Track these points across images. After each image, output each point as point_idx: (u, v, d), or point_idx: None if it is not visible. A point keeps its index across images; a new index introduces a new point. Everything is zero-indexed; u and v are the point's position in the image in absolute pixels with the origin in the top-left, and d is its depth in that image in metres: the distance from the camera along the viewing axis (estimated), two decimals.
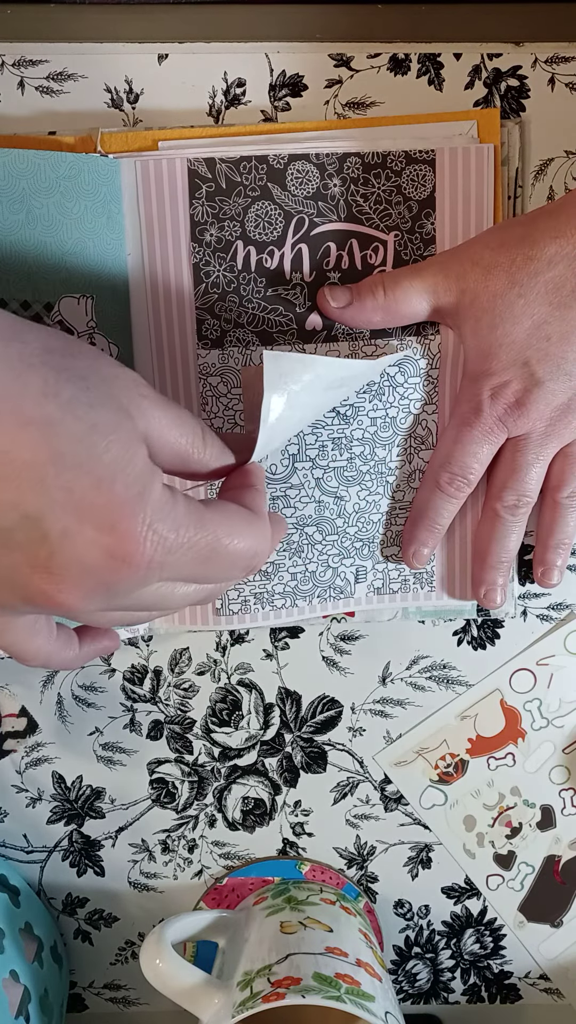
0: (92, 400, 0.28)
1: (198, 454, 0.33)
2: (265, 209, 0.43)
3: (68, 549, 0.27)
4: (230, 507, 0.32)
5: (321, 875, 0.52)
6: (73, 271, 0.41)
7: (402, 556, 0.47)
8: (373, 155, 0.43)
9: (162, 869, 0.52)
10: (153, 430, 0.30)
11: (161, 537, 0.28)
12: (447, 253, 0.42)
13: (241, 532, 0.31)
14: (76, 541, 0.27)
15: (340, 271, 0.44)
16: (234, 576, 0.33)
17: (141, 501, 0.28)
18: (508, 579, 0.47)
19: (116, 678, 0.49)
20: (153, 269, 0.43)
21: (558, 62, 0.44)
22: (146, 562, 0.28)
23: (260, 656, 0.49)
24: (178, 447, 0.32)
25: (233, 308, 0.43)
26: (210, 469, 0.34)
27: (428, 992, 0.55)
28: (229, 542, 0.31)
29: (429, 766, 0.51)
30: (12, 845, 0.52)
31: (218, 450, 0.34)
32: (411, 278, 0.42)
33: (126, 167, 0.42)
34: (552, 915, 0.54)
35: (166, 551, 0.29)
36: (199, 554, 0.30)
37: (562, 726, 0.51)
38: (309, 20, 0.43)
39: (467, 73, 0.44)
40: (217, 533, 0.30)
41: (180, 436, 0.32)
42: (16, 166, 0.40)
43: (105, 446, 0.28)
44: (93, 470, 0.27)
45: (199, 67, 0.43)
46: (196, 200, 0.42)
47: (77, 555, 0.27)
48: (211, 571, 0.31)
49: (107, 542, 0.27)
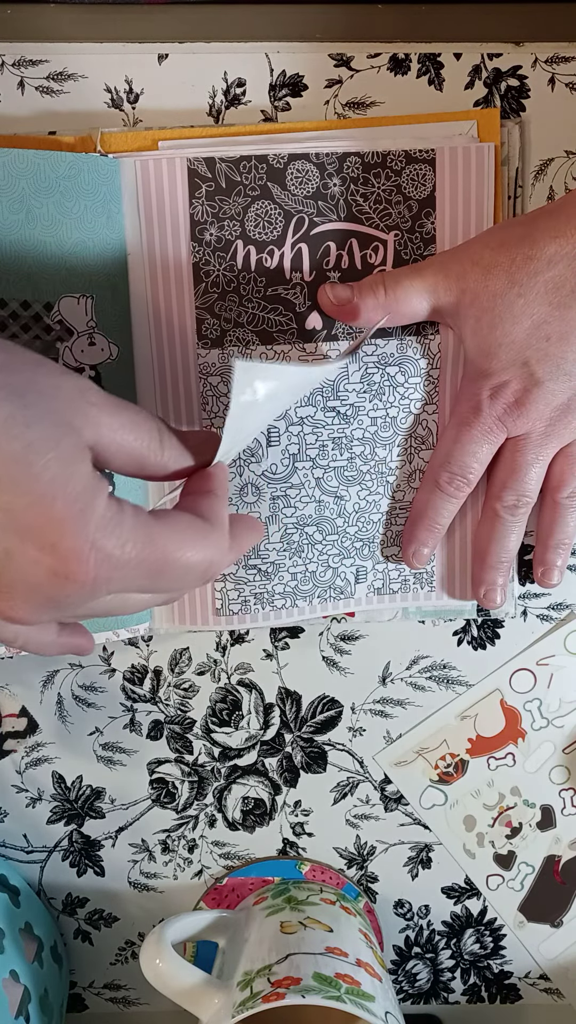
0: (30, 418, 0.27)
1: (155, 456, 0.32)
2: (265, 208, 0.43)
3: (12, 569, 0.27)
4: (182, 518, 0.31)
5: (321, 875, 0.52)
6: (73, 271, 0.41)
7: (402, 556, 0.47)
8: (373, 155, 0.43)
9: (162, 869, 0.52)
10: (103, 437, 0.30)
11: (106, 554, 0.28)
12: (447, 253, 0.42)
13: (192, 544, 0.31)
14: (19, 561, 0.27)
15: (340, 271, 0.44)
16: (189, 586, 0.32)
17: (83, 518, 0.28)
18: (508, 579, 0.47)
19: (116, 678, 0.49)
20: (153, 268, 0.43)
21: (558, 62, 0.44)
22: (91, 579, 0.28)
23: (260, 656, 0.49)
24: (134, 450, 0.31)
25: (233, 307, 0.43)
26: (170, 471, 0.33)
27: (428, 992, 0.55)
28: (179, 555, 0.30)
29: (429, 766, 0.51)
30: (12, 845, 0.52)
31: (177, 452, 0.33)
32: (411, 277, 0.42)
33: (126, 166, 0.42)
34: (552, 915, 0.54)
35: (112, 567, 0.29)
36: (148, 568, 0.30)
37: (562, 726, 0.51)
38: (309, 20, 0.43)
39: (467, 73, 0.44)
40: (166, 547, 0.30)
41: (135, 439, 0.31)
42: (16, 166, 0.40)
43: (43, 465, 0.27)
44: (32, 489, 0.27)
45: (199, 67, 0.43)
46: (196, 199, 0.42)
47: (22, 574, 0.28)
48: (163, 583, 0.31)
49: (50, 561, 0.27)
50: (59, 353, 0.42)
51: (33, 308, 0.41)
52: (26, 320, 0.41)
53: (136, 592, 0.32)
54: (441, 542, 0.47)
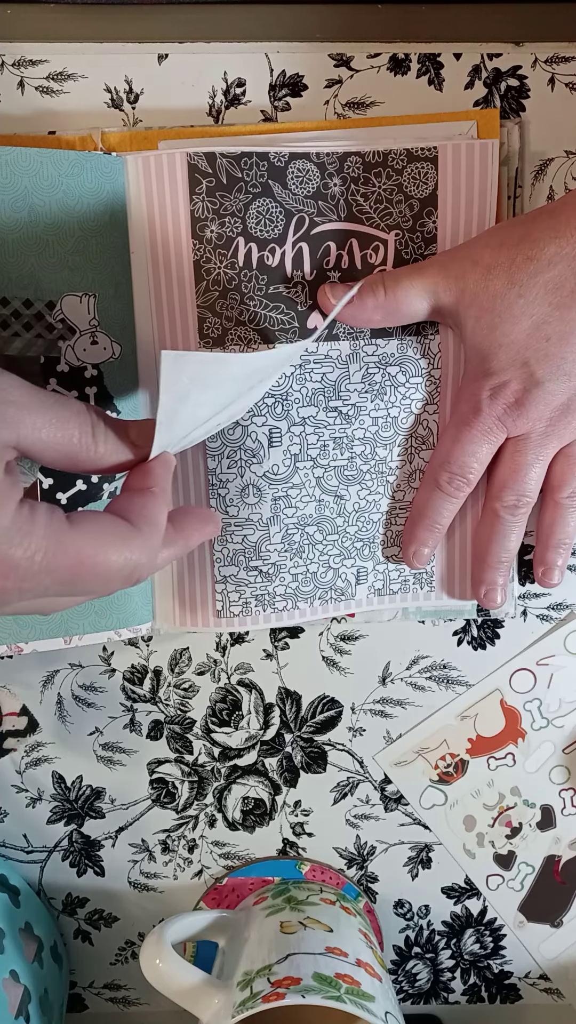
0: None
1: (88, 451, 0.32)
2: (266, 206, 0.42)
3: None
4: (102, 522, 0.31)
5: (321, 875, 0.52)
6: (75, 269, 0.41)
7: (402, 556, 0.47)
8: (374, 154, 0.43)
9: (162, 869, 0.52)
10: (25, 437, 0.30)
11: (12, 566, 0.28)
12: (447, 253, 0.42)
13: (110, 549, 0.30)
14: None
15: (340, 270, 0.44)
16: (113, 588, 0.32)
17: None
18: (508, 579, 0.47)
19: (116, 678, 0.49)
20: (156, 266, 0.43)
21: (558, 62, 0.44)
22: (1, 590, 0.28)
23: (260, 656, 0.49)
24: (63, 446, 0.31)
25: (234, 306, 0.43)
26: (106, 465, 0.33)
27: (428, 992, 0.55)
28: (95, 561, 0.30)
29: (429, 766, 0.51)
30: (12, 845, 0.52)
31: (112, 446, 0.33)
32: (411, 277, 0.42)
33: (127, 164, 0.42)
34: (552, 915, 0.54)
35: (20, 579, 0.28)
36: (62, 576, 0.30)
37: (562, 726, 0.51)
38: (309, 20, 0.43)
39: (467, 73, 0.44)
40: (80, 554, 0.30)
41: (63, 435, 0.31)
42: (18, 164, 0.40)
43: None
44: None
45: (199, 67, 0.43)
46: (196, 195, 0.42)
47: None
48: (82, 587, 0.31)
49: None
50: (61, 352, 0.42)
51: (35, 307, 0.41)
52: (28, 319, 0.41)
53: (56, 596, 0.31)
54: (441, 542, 0.47)
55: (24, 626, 0.45)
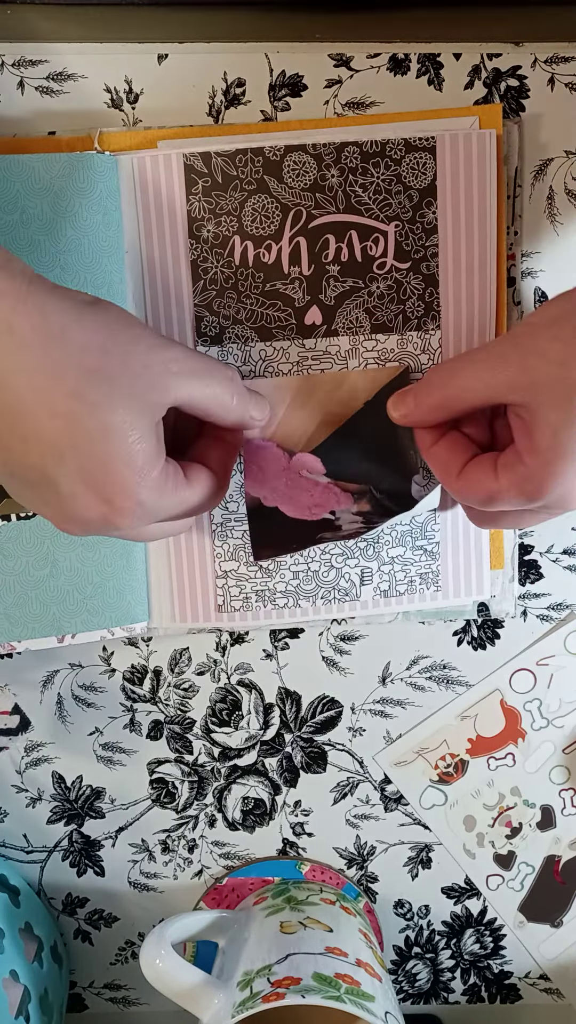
0: (115, 404, 0.34)
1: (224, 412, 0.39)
2: (262, 203, 0.42)
3: (71, 505, 0.35)
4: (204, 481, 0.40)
5: (321, 875, 0.52)
6: (69, 269, 0.41)
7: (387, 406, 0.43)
8: (372, 143, 0.42)
9: (162, 869, 0.52)
10: (181, 399, 0.37)
11: (146, 510, 0.36)
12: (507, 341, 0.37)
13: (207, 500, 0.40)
14: (80, 502, 0.35)
15: (339, 263, 0.43)
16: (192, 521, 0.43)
17: (137, 484, 0.35)
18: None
19: (116, 678, 0.49)
20: (151, 266, 0.43)
21: (558, 62, 0.44)
22: (128, 524, 0.36)
23: (260, 656, 0.49)
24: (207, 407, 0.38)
25: (232, 304, 0.43)
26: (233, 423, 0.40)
27: (428, 992, 0.55)
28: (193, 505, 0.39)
29: (429, 766, 0.51)
30: (12, 845, 0.52)
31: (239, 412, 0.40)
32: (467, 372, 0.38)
33: (123, 164, 0.42)
34: (552, 915, 0.53)
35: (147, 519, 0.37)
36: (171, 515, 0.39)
37: (562, 726, 0.51)
38: (309, 20, 0.43)
39: (467, 73, 0.44)
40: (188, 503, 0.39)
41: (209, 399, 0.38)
42: (10, 170, 0.40)
43: (116, 443, 0.34)
44: (104, 459, 0.34)
45: (199, 67, 0.43)
46: (193, 196, 0.42)
47: (78, 511, 0.35)
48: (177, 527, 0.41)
49: (104, 510, 0.35)
50: None
51: None
52: None
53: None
54: (441, 542, 0.47)
55: (16, 624, 0.45)
